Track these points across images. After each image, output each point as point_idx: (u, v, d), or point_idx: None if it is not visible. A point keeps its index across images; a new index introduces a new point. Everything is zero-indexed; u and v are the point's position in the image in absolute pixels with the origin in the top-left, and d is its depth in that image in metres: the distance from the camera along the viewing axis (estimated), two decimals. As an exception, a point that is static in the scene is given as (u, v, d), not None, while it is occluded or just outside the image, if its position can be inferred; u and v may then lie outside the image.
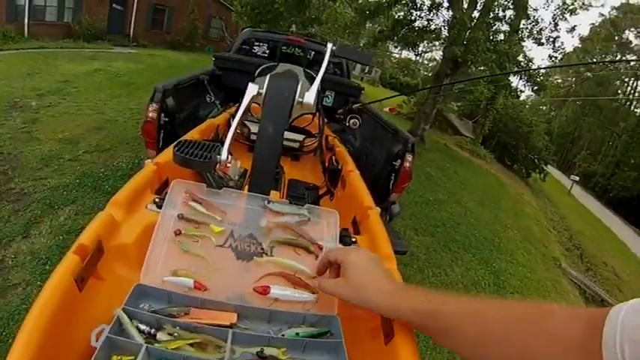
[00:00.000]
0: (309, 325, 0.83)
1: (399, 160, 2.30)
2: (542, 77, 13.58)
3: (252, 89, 1.18)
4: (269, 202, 0.96)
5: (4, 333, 2.05)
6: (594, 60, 29.40)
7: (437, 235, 5.09)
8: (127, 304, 0.77)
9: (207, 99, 2.87)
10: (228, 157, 1.05)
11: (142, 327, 0.74)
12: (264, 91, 1.17)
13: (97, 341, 0.69)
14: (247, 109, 1.23)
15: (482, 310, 0.52)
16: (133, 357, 0.68)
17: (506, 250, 5.74)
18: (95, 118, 5.27)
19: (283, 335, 0.78)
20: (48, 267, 2.49)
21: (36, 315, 0.64)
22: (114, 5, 14.81)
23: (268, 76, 1.19)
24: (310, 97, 1.19)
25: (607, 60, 29.32)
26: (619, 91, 32.23)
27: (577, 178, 22.69)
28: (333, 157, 2.28)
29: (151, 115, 2.17)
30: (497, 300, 0.53)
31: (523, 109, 17.35)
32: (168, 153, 1.27)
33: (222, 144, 1.09)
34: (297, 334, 0.79)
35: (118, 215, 0.96)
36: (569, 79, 32.80)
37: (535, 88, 13.72)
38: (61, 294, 0.71)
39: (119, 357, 0.69)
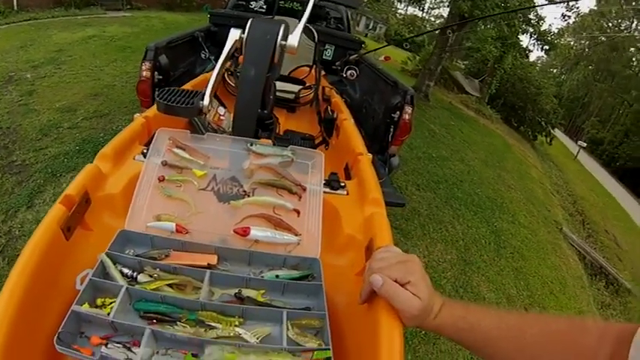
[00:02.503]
0: (290, 267, 0.83)
1: (398, 112, 2.25)
2: (552, 36, 13.00)
3: (234, 34, 1.14)
4: (252, 144, 0.94)
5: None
6: (609, 25, 27.88)
7: (439, 192, 5.03)
8: (110, 249, 0.78)
9: (203, 55, 2.81)
10: (210, 103, 1.03)
11: (126, 270, 0.76)
12: (245, 34, 1.12)
13: (81, 284, 0.70)
14: (231, 57, 1.19)
15: (519, 325, 0.52)
16: (115, 299, 0.69)
17: (508, 210, 5.70)
18: (92, 85, 5.20)
19: (262, 277, 0.79)
20: (54, 234, 2.55)
21: (23, 261, 0.66)
22: (104, -31, 14.18)
23: (250, 20, 1.14)
24: (294, 39, 1.14)
25: None
26: (633, 59, 30.72)
27: (584, 144, 22.07)
28: (329, 108, 2.26)
29: (144, 74, 2.15)
30: (534, 315, 0.55)
31: (532, 71, 16.64)
32: None
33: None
34: (277, 276, 0.79)
35: (105, 167, 0.96)
36: (582, 42, 31.31)
37: (545, 47, 13.18)
38: (47, 242, 0.72)
39: (102, 299, 0.70)
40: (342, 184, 1.09)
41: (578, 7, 10.65)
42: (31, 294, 0.63)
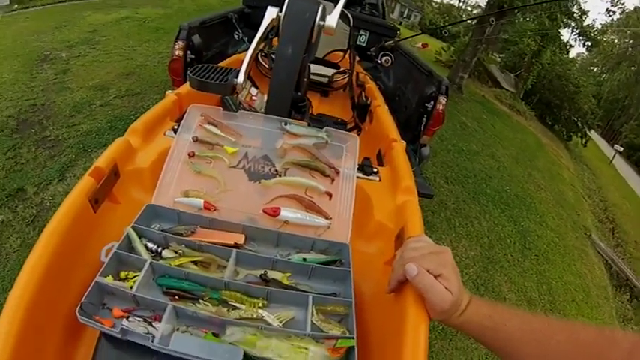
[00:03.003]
0: (318, 251, 0.80)
1: (432, 102, 2.20)
2: (595, 32, 12.31)
3: (271, 12, 1.11)
4: (286, 123, 0.92)
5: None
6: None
7: (467, 186, 4.93)
8: (137, 223, 0.77)
9: (236, 36, 2.80)
10: (245, 81, 1.00)
11: (151, 245, 0.75)
12: (282, 13, 1.09)
13: (106, 257, 0.70)
14: (265, 38, 1.16)
15: (545, 329, 0.50)
16: (139, 273, 0.68)
17: (536, 211, 5.51)
18: (125, 64, 5.30)
19: (289, 259, 0.76)
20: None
21: (50, 230, 0.65)
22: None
23: None
24: (332, 20, 1.09)
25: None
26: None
27: (621, 149, 20.90)
28: (363, 93, 2.22)
29: (177, 53, 2.15)
30: (561, 321, 0.53)
31: (571, 68, 15.82)
32: None
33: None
34: (305, 259, 0.76)
35: (135, 142, 0.96)
36: (626, 40, 29.46)
37: (587, 43, 12.50)
38: (75, 213, 0.71)
39: (126, 273, 0.70)
40: (375, 170, 1.07)
41: (623, 3, 9.94)
42: (56, 263, 0.62)
